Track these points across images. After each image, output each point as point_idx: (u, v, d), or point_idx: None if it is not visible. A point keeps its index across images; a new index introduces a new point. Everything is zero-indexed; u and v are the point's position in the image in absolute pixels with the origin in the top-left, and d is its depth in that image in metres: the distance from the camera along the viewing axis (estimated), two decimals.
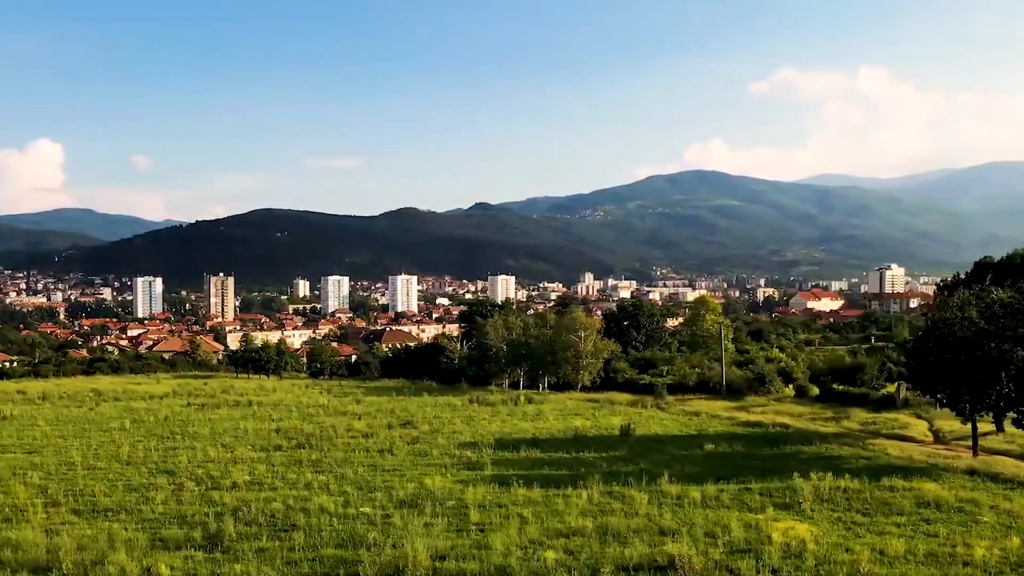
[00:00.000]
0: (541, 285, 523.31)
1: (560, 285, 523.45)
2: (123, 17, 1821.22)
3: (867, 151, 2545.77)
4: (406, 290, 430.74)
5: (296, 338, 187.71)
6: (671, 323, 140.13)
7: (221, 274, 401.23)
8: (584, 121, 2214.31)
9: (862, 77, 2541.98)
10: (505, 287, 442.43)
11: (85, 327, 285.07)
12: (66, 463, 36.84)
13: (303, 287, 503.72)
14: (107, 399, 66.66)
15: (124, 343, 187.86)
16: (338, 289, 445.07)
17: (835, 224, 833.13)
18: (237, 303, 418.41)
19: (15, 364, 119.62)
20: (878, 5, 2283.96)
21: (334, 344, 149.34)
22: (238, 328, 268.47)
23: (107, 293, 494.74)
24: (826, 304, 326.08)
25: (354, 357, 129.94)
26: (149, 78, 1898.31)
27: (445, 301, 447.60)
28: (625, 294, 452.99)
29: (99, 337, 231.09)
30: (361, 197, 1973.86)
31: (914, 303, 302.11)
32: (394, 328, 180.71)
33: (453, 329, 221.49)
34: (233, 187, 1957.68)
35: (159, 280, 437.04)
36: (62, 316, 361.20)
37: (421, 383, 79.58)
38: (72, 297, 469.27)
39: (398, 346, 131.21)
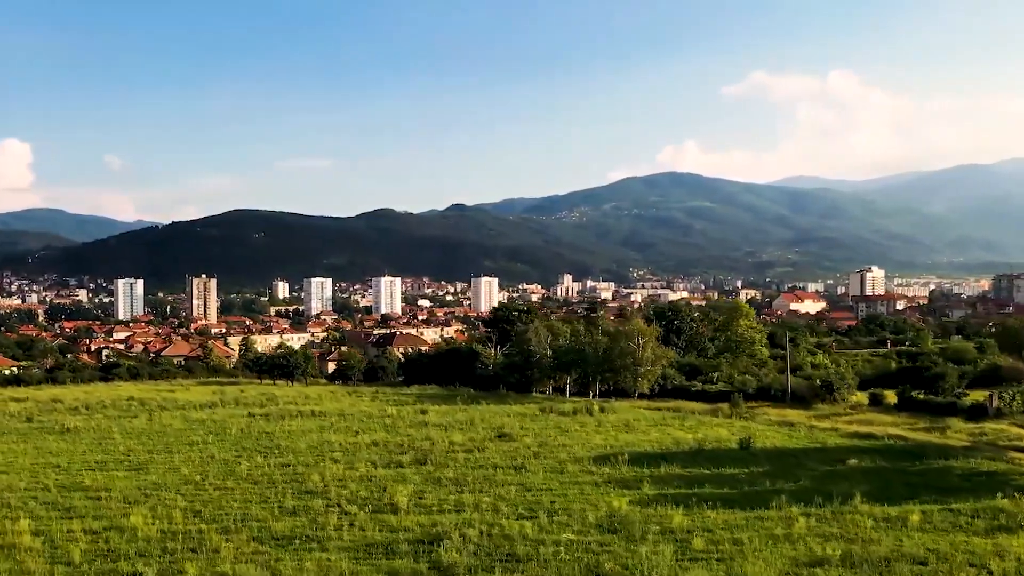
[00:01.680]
0: (520, 286, 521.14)
1: (539, 286, 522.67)
2: (93, 15, 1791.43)
3: (839, 153, 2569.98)
4: (390, 292, 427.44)
5: (295, 341, 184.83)
6: None
7: (203, 275, 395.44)
8: (559, 123, 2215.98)
9: (832, 80, 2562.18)
10: (488, 289, 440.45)
11: (67, 329, 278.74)
12: (188, 482, 35.14)
13: (282, 288, 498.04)
14: (152, 408, 63.71)
15: (118, 346, 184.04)
16: (321, 291, 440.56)
17: (808, 226, 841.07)
18: (217, 305, 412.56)
19: (21, 370, 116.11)
20: (848, 10, 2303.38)
21: (343, 348, 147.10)
22: (223, 330, 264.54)
23: (83, 295, 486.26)
24: (809, 306, 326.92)
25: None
26: (120, 77, 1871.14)
27: (426, 303, 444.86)
28: (605, 295, 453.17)
29: (86, 340, 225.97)
30: (337, 198, 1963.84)
31: (900, 305, 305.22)
32: (404, 332, 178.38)
33: (450, 332, 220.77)
34: (205, 188, 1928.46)
35: (140, 282, 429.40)
36: (41, 318, 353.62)
37: (457, 390, 76.87)
38: (48, 299, 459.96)
39: (410, 350, 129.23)
